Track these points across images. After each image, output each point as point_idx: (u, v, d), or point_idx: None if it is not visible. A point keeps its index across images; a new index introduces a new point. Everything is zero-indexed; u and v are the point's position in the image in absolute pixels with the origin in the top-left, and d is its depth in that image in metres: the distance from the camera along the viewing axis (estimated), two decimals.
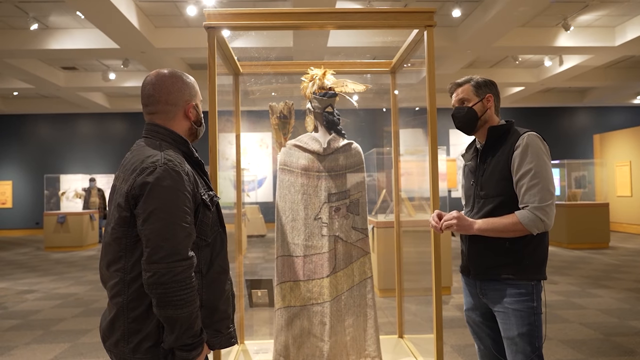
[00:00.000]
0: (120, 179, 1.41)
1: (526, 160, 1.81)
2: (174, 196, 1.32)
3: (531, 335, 1.81)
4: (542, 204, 1.76)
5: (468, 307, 2.07)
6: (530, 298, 1.82)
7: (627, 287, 5.83)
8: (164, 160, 1.36)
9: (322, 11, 2.40)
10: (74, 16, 7.76)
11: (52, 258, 9.47)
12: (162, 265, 1.27)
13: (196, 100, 1.56)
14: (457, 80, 2.06)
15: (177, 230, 1.31)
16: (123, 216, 1.34)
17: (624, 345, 3.78)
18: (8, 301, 5.76)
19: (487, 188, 1.91)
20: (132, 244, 1.35)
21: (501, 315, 1.88)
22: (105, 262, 1.41)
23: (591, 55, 9.62)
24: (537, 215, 1.76)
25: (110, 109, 13.96)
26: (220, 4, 7.29)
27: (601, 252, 8.69)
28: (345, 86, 2.69)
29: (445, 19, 8.08)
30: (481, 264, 1.92)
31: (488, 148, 1.97)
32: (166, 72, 1.52)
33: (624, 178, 12.06)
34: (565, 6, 7.74)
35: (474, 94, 2.00)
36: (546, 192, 1.77)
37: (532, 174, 1.79)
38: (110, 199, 1.48)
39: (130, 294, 1.34)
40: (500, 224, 1.82)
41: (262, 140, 14.39)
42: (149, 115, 1.52)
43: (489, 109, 1.99)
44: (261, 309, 4.56)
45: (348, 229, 2.61)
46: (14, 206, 14.64)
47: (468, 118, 1.98)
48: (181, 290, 1.28)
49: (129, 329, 1.34)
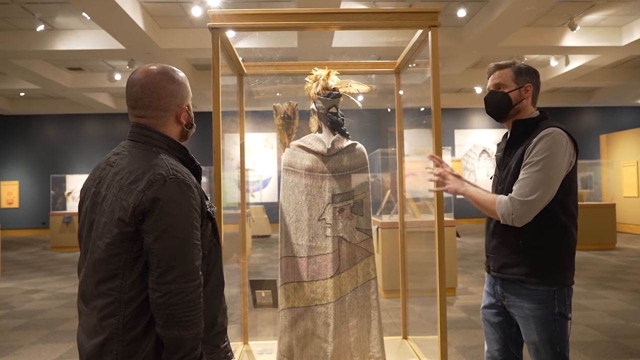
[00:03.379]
0: (113, 187, 1.29)
1: (533, 152, 1.73)
2: (187, 213, 1.26)
3: (552, 342, 1.74)
4: (521, 197, 1.70)
5: (485, 304, 2.01)
6: (550, 304, 1.75)
7: (633, 289, 5.78)
8: (172, 172, 1.27)
9: (326, 12, 2.40)
10: (79, 17, 7.80)
11: (58, 258, 9.52)
12: (175, 286, 1.21)
13: (188, 101, 1.45)
14: (499, 62, 1.95)
15: (189, 249, 1.24)
16: (126, 232, 1.24)
17: (631, 347, 3.75)
18: (14, 301, 5.79)
19: (504, 183, 1.86)
20: (131, 261, 1.25)
21: (521, 320, 1.82)
22: (94, 280, 1.27)
23: (598, 55, 9.56)
24: (509, 206, 1.72)
25: (116, 110, 14.04)
26: (225, 5, 7.30)
27: (608, 253, 8.63)
28: (350, 87, 2.69)
29: (451, 19, 8.05)
30: (497, 260, 1.89)
31: (513, 141, 1.89)
32: (156, 71, 1.38)
33: (630, 179, 11.97)
34: (572, 6, 7.69)
35: (512, 80, 1.88)
36: (531, 188, 1.70)
37: (530, 165, 1.72)
38: (91, 208, 1.33)
39: (126, 314, 1.24)
40: (482, 198, 1.83)
41: (267, 141, 14.40)
42: (137, 117, 1.39)
43: (525, 99, 1.88)
44: (265, 310, 4.57)
45: (352, 229, 2.61)
46: (20, 206, 14.73)
47: (501, 104, 1.89)
48: (190, 311, 1.22)
49: (124, 352, 1.24)
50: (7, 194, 14.73)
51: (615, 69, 11.56)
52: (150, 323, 1.26)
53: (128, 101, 1.40)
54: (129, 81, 1.39)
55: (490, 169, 15.02)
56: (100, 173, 1.36)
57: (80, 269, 1.36)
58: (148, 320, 1.25)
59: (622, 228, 11.91)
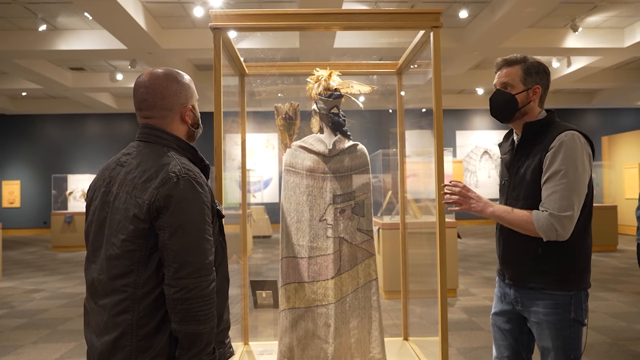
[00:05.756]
0: (126, 186, 1.32)
1: (556, 161, 1.65)
2: (200, 209, 1.30)
3: (567, 348, 1.70)
4: (560, 213, 1.63)
5: (495, 311, 1.95)
6: (566, 309, 1.70)
7: (635, 291, 5.77)
8: (184, 170, 1.31)
9: (328, 12, 2.40)
10: (81, 17, 7.82)
11: (59, 257, 9.53)
12: (190, 280, 1.24)
13: (192, 101, 1.49)
14: (509, 56, 1.83)
15: (204, 245, 1.28)
16: (141, 228, 1.27)
17: (632, 349, 3.74)
18: (15, 300, 5.80)
19: (519, 189, 1.79)
20: (146, 257, 1.28)
21: (535, 326, 1.77)
22: (108, 276, 1.29)
23: (600, 57, 9.55)
24: (552, 224, 1.63)
25: (117, 110, 14.05)
26: (227, 5, 7.31)
27: (609, 255, 8.62)
28: (351, 87, 2.69)
29: (452, 20, 8.05)
30: (516, 270, 1.81)
31: (524, 144, 1.81)
32: (160, 73, 1.43)
33: (632, 180, 11.95)
34: (574, 7, 7.69)
35: (520, 80, 1.78)
36: (567, 201, 1.63)
37: (559, 176, 1.64)
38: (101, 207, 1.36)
39: (141, 310, 1.26)
40: (515, 217, 1.71)
41: (268, 141, 14.41)
42: (144, 119, 1.44)
43: (532, 101, 1.79)
44: (266, 310, 4.57)
45: (353, 230, 2.60)
46: (22, 206, 14.75)
47: (507, 107, 1.80)
48: (205, 304, 1.26)
49: (137, 347, 1.26)
50: (8, 193, 14.76)
51: (617, 71, 11.54)
52: (164, 319, 1.28)
53: (135, 103, 1.45)
54: (135, 84, 1.44)
55: (491, 170, 15.00)
56: (110, 173, 1.39)
57: (88, 268, 1.38)
58: (161, 317, 1.28)
59: (624, 230, 11.89)
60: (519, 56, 1.82)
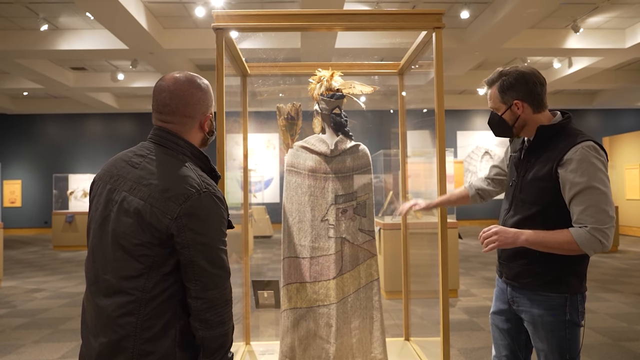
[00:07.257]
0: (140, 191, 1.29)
1: (580, 176, 1.62)
2: (220, 224, 1.33)
3: (562, 349, 1.71)
4: (602, 225, 1.60)
5: (495, 310, 1.97)
6: (561, 311, 1.71)
7: (636, 292, 5.76)
8: (204, 185, 1.31)
9: (330, 13, 2.40)
10: (83, 17, 7.83)
11: (60, 257, 9.54)
12: (216, 291, 1.29)
13: (212, 109, 1.50)
14: (488, 77, 1.84)
15: (224, 257, 1.33)
16: (157, 236, 1.26)
17: (633, 350, 3.74)
18: (16, 299, 5.81)
19: (526, 192, 1.77)
20: (160, 262, 1.28)
21: (530, 326, 1.79)
22: (116, 276, 1.28)
23: (601, 58, 9.54)
24: (597, 237, 1.60)
25: (118, 109, 14.05)
26: (229, 6, 7.31)
27: (610, 255, 8.61)
28: (353, 88, 2.69)
29: (454, 20, 8.05)
30: (513, 269, 1.82)
31: (535, 147, 1.78)
32: (183, 79, 1.42)
33: (633, 181, 11.94)
34: (575, 8, 7.68)
35: (500, 101, 1.80)
36: (604, 213, 1.60)
37: (588, 191, 1.61)
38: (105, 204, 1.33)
39: (146, 313, 1.26)
40: (552, 240, 1.65)
41: (270, 142, 14.41)
42: (162, 122, 1.41)
43: (519, 115, 1.77)
44: (267, 310, 4.56)
45: (355, 230, 2.61)
46: (23, 205, 14.76)
47: (501, 128, 1.82)
48: (227, 306, 1.32)
49: (140, 350, 1.25)
50: (9, 193, 14.77)
51: (618, 72, 11.54)
52: (168, 323, 1.28)
53: (155, 106, 1.42)
54: (157, 87, 1.42)
55: None
56: (118, 171, 1.37)
57: (90, 266, 1.34)
58: (166, 321, 1.27)
59: (625, 231, 11.88)
60: (496, 74, 1.80)
